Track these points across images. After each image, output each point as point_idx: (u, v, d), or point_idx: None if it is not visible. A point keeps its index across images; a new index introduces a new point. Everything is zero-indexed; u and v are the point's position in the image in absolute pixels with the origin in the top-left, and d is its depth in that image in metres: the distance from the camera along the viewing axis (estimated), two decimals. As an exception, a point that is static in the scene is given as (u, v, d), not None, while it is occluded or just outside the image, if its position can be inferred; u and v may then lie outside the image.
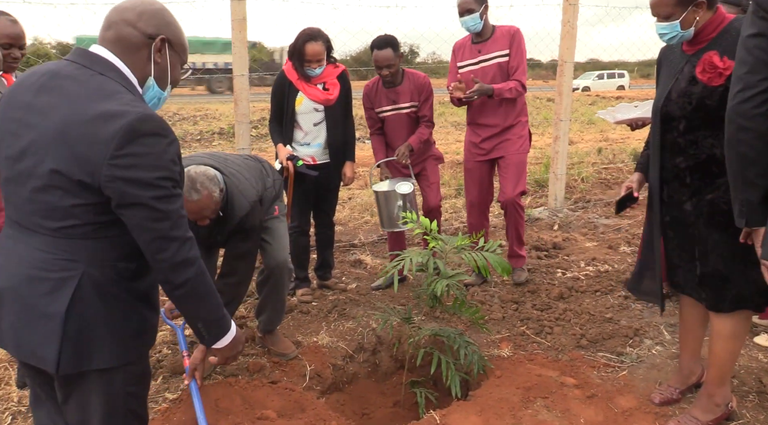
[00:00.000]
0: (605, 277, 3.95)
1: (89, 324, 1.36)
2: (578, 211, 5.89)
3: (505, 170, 3.68)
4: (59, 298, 1.33)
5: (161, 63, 1.46)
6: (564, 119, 5.49)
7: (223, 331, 1.57)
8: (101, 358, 1.39)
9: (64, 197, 1.31)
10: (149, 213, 1.32)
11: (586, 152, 9.34)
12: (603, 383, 2.66)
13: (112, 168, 1.27)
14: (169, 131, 1.36)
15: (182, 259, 1.38)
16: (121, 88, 1.36)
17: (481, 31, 3.57)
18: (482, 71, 3.57)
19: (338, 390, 2.97)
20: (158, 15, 1.44)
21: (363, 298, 3.69)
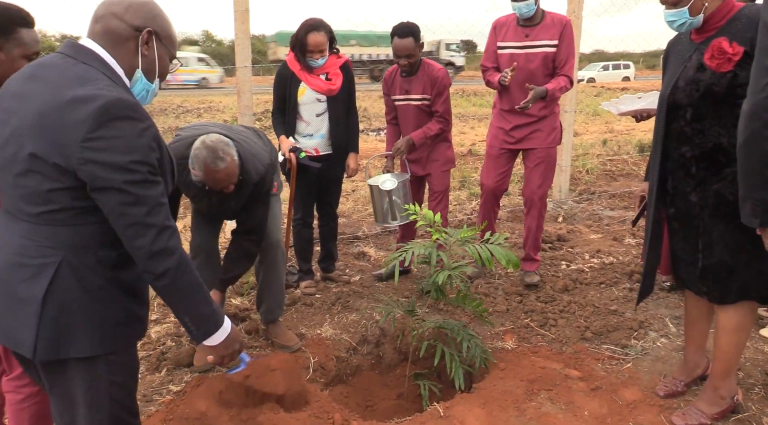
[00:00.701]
0: (610, 269, 3.94)
1: (67, 311, 1.36)
2: (583, 203, 5.86)
3: (533, 163, 3.54)
4: (38, 284, 1.34)
5: (149, 55, 1.47)
6: (569, 110, 5.46)
7: (213, 327, 1.52)
8: (80, 346, 1.38)
9: (43, 181, 1.32)
10: (123, 198, 1.31)
11: (591, 144, 9.30)
12: (607, 375, 2.65)
13: (84, 151, 1.28)
14: (144, 116, 1.36)
15: (160, 248, 1.36)
16: (101, 75, 1.37)
17: (532, 15, 3.40)
18: (525, 58, 3.39)
19: (342, 382, 2.97)
20: (145, 8, 1.45)
21: (367, 290, 3.69)
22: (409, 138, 3.52)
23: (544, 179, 3.56)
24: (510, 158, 3.64)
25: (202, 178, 2.35)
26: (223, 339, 1.55)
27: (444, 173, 3.71)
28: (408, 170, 3.64)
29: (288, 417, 2.33)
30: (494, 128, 3.67)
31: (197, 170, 2.33)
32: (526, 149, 3.55)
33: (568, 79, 3.40)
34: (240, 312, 3.32)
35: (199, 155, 2.30)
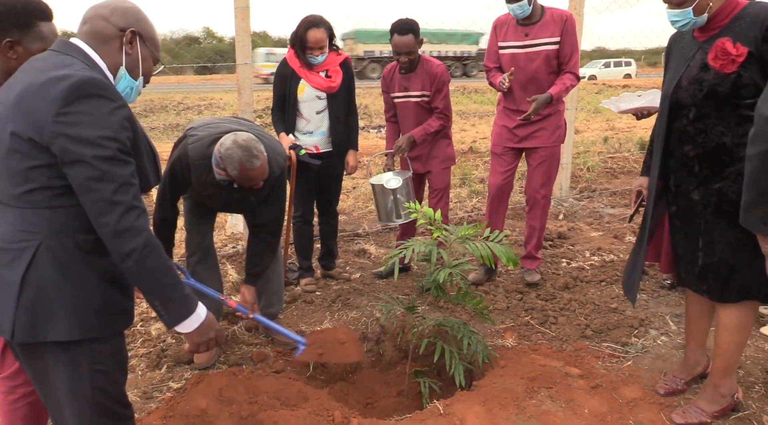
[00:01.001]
0: (610, 267, 3.93)
1: (46, 294, 1.39)
2: (583, 200, 5.86)
3: (537, 162, 3.51)
4: (17, 267, 1.38)
5: (132, 54, 1.56)
6: (570, 107, 5.44)
7: (185, 312, 1.52)
8: (58, 330, 1.41)
9: (22, 159, 1.37)
10: (91, 172, 1.34)
11: (592, 141, 9.29)
12: (608, 373, 2.65)
13: (56, 125, 1.33)
14: (116, 96, 1.42)
15: (126, 227, 1.37)
16: (80, 63, 1.44)
17: (530, 13, 3.32)
18: (527, 57, 3.34)
19: (342, 379, 2.97)
20: (130, 11, 1.55)
21: (367, 288, 3.69)
22: (410, 135, 3.51)
23: (547, 177, 3.53)
24: (515, 156, 3.60)
25: (236, 177, 2.35)
26: (197, 326, 1.55)
27: (444, 170, 3.70)
28: (410, 167, 3.63)
29: (288, 414, 2.33)
30: (498, 126, 3.63)
31: (231, 169, 2.33)
32: (530, 148, 3.52)
33: (574, 75, 3.36)
34: (240, 309, 3.32)
35: (233, 155, 2.30)
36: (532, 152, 3.53)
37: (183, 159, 2.51)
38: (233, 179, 2.39)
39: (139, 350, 2.94)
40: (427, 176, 3.75)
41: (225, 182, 2.48)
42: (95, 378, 1.49)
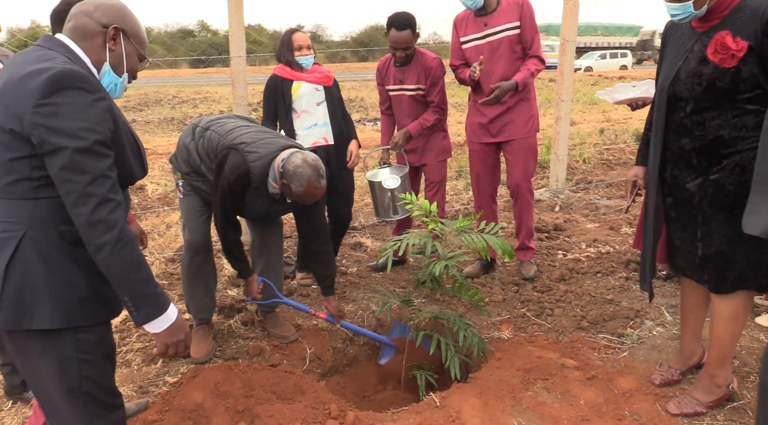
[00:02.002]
0: (606, 258, 3.94)
1: (29, 283, 1.42)
2: (580, 192, 5.86)
3: (513, 155, 3.47)
4: (1, 256, 1.41)
5: (116, 50, 1.57)
6: (565, 99, 5.44)
7: (155, 311, 1.52)
8: (41, 318, 1.43)
9: (5, 151, 1.39)
10: (66, 163, 1.36)
11: (588, 133, 9.28)
12: (603, 364, 2.65)
13: (35, 115, 1.35)
14: (95, 88, 1.43)
15: (99, 219, 1.39)
16: (62, 57, 1.45)
17: (485, 4, 3.28)
18: (490, 46, 3.30)
19: (338, 372, 2.97)
20: (114, 8, 1.57)
21: (363, 281, 3.68)
22: (406, 130, 3.50)
23: (526, 168, 3.49)
24: (494, 150, 3.57)
25: (299, 193, 2.41)
26: (167, 326, 1.55)
27: (440, 162, 3.69)
28: (406, 161, 3.62)
29: (284, 407, 2.33)
30: (471, 123, 3.59)
31: (297, 186, 2.38)
32: (505, 141, 3.48)
33: (539, 59, 3.30)
34: (236, 303, 3.31)
35: (303, 173, 2.37)
36: (508, 145, 3.49)
37: (244, 177, 2.47)
38: (292, 194, 2.44)
39: (134, 344, 2.94)
40: (423, 168, 3.73)
41: (278, 195, 2.55)
42: (82, 368, 1.52)
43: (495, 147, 3.56)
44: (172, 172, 2.86)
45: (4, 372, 2.49)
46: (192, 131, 2.72)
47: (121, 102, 14.18)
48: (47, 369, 1.50)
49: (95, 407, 1.57)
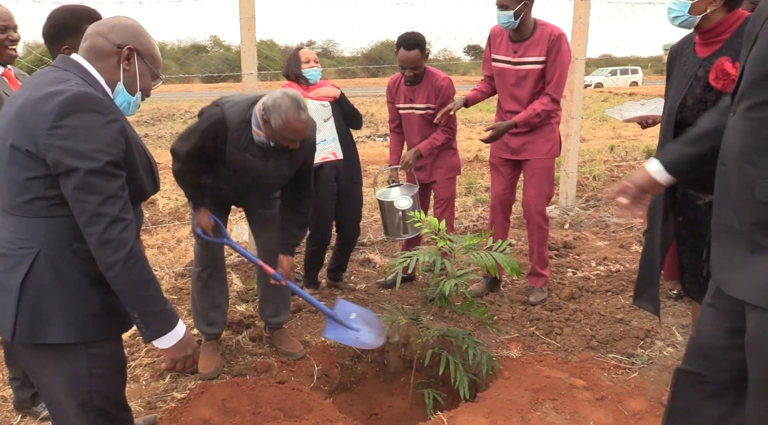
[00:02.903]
0: (616, 277, 3.91)
1: (44, 299, 1.46)
2: (589, 209, 5.84)
3: (530, 176, 3.45)
4: (17, 273, 1.45)
5: (130, 70, 1.60)
6: (575, 116, 5.44)
7: (164, 328, 1.54)
8: (56, 333, 1.47)
9: (20, 171, 1.43)
10: (79, 183, 1.40)
11: (598, 150, 9.26)
12: (613, 385, 2.63)
13: (50, 137, 1.38)
14: (109, 110, 1.46)
15: (110, 238, 1.42)
16: (78, 78, 1.49)
17: (520, 29, 3.23)
18: (515, 74, 3.30)
19: (346, 390, 2.96)
20: (129, 29, 1.59)
21: (372, 298, 3.68)
22: (416, 150, 3.51)
23: (540, 190, 3.45)
24: (513, 167, 3.55)
25: (279, 128, 2.35)
26: (175, 342, 1.57)
27: (449, 180, 3.70)
28: (416, 180, 3.62)
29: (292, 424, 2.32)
30: None
31: (277, 118, 2.34)
32: (523, 160, 3.47)
33: (551, 99, 3.24)
34: (245, 319, 3.32)
35: (282, 104, 2.33)
36: (525, 165, 3.48)
37: (219, 124, 2.47)
38: (275, 133, 2.39)
39: (143, 359, 2.94)
40: (432, 185, 3.74)
41: (264, 144, 2.51)
42: (93, 382, 1.54)
43: (513, 164, 3.54)
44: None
45: (14, 386, 2.51)
46: None
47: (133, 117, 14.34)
48: (60, 383, 1.53)
49: (105, 421, 1.59)
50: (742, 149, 1.39)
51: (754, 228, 1.38)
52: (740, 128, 1.41)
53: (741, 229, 1.42)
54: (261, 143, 2.52)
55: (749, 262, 1.40)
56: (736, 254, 1.44)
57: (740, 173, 1.40)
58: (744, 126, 1.39)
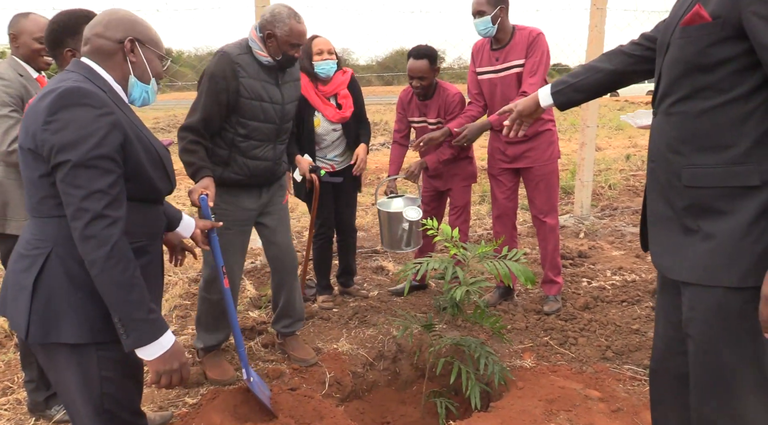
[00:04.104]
0: (632, 287, 3.86)
1: (55, 299, 1.47)
2: (605, 218, 5.78)
3: (533, 183, 3.43)
4: (31, 272, 1.48)
5: (137, 61, 1.61)
6: (591, 125, 5.41)
7: (147, 338, 1.46)
8: (67, 333, 1.47)
9: (31, 171, 1.46)
10: (65, 176, 1.40)
11: (613, 159, 9.18)
12: (629, 397, 2.58)
13: (44, 132, 1.40)
14: (101, 103, 1.45)
15: (90, 234, 1.39)
16: (79, 76, 1.50)
17: (498, 36, 3.25)
18: (502, 82, 3.29)
19: (358, 398, 2.95)
20: (123, 20, 1.59)
21: (384, 305, 3.66)
22: (423, 162, 3.49)
23: (547, 197, 3.43)
24: (512, 175, 3.52)
25: (285, 34, 2.51)
26: (159, 354, 1.49)
27: (465, 187, 3.69)
28: (419, 192, 3.59)
29: (302, 432, 2.31)
30: (490, 147, 3.59)
31: (282, 26, 2.51)
32: (524, 168, 3.44)
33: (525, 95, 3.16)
34: (257, 325, 3.32)
35: (281, 13, 2.52)
36: (527, 173, 3.44)
37: (222, 59, 2.51)
38: (282, 42, 2.53)
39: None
40: (448, 192, 3.74)
41: (270, 63, 2.59)
42: (104, 384, 1.54)
43: (513, 173, 3.52)
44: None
45: (29, 388, 2.53)
46: None
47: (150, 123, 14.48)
48: (72, 382, 1.54)
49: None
50: (667, 142, 1.54)
51: (684, 213, 1.53)
52: (665, 125, 1.56)
53: (673, 215, 1.56)
54: (268, 63, 2.59)
55: (683, 245, 1.54)
56: (671, 239, 1.58)
57: (668, 164, 1.55)
58: (669, 121, 1.54)
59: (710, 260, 1.46)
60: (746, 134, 1.40)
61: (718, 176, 1.45)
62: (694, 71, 1.45)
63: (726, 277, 1.44)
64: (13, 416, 2.58)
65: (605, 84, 1.88)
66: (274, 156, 2.76)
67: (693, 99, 1.47)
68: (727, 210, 1.44)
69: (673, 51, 1.50)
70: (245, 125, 2.61)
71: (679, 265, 1.55)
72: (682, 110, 1.50)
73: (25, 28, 2.36)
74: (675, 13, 1.56)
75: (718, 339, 1.48)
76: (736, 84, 1.39)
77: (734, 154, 1.42)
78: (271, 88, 2.63)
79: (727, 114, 1.42)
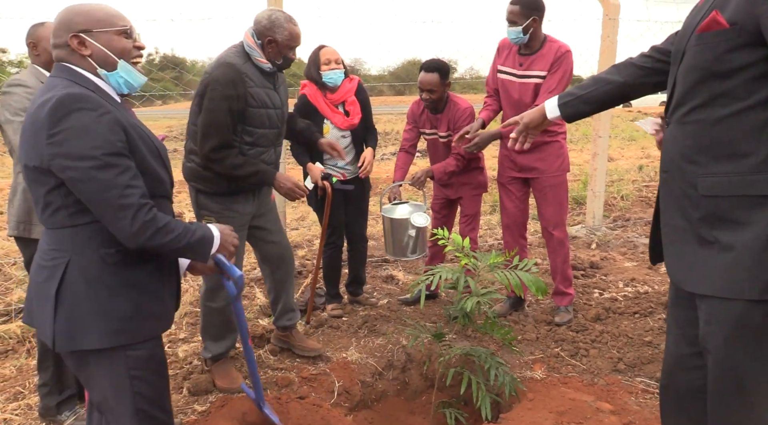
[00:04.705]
0: (645, 298, 3.82)
1: (78, 307, 1.50)
2: (617, 229, 5.74)
3: (542, 194, 3.42)
4: (52, 282, 1.50)
5: (93, 52, 1.54)
6: (603, 135, 5.38)
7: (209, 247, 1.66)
8: (91, 339, 1.51)
9: (38, 186, 1.47)
10: (92, 184, 1.41)
11: (626, 169, 9.12)
12: (641, 410, 2.55)
13: (49, 147, 1.41)
14: (97, 104, 1.45)
15: (139, 227, 1.46)
16: (65, 81, 1.50)
17: (529, 43, 3.24)
18: (521, 87, 3.29)
19: (366, 407, 2.93)
20: (63, 20, 1.53)
21: (394, 314, 3.65)
22: (429, 170, 3.49)
23: (556, 206, 3.41)
24: (522, 185, 3.51)
25: (284, 38, 2.58)
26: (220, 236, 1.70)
27: (475, 196, 3.69)
28: (425, 199, 3.58)
29: (310, 442, 2.30)
30: (501, 156, 3.59)
31: (281, 31, 2.58)
32: (533, 178, 3.43)
33: None
34: (266, 333, 3.32)
35: (279, 18, 2.59)
36: (536, 183, 3.43)
37: (232, 72, 2.52)
38: (283, 46, 2.60)
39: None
40: (459, 201, 3.74)
41: (269, 69, 2.64)
42: (135, 384, 1.58)
43: (522, 182, 3.52)
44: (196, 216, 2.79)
45: (42, 392, 2.54)
46: None
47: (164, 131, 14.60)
48: (104, 386, 1.58)
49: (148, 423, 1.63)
50: (681, 152, 1.53)
51: (700, 223, 1.50)
52: (678, 134, 1.54)
53: (688, 226, 1.54)
54: (269, 69, 2.64)
55: (700, 256, 1.51)
56: (687, 251, 1.55)
57: (682, 174, 1.53)
58: (683, 130, 1.53)
59: (729, 273, 1.43)
60: (764, 142, 1.39)
61: (735, 185, 1.43)
62: (710, 78, 1.43)
63: (747, 290, 1.41)
64: (24, 421, 2.59)
65: (614, 96, 1.86)
66: (275, 159, 2.84)
67: (709, 107, 1.45)
68: (745, 220, 1.42)
69: (689, 58, 1.49)
70: (251, 132, 2.64)
71: (695, 277, 1.53)
72: (698, 118, 1.49)
73: (43, 35, 2.40)
74: (690, 21, 1.55)
75: (737, 352, 1.45)
76: (754, 91, 1.38)
77: (752, 163, 1.40)
78: (272, 94, 2.69)
79: (745, 122, 1.40)
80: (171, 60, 17.72)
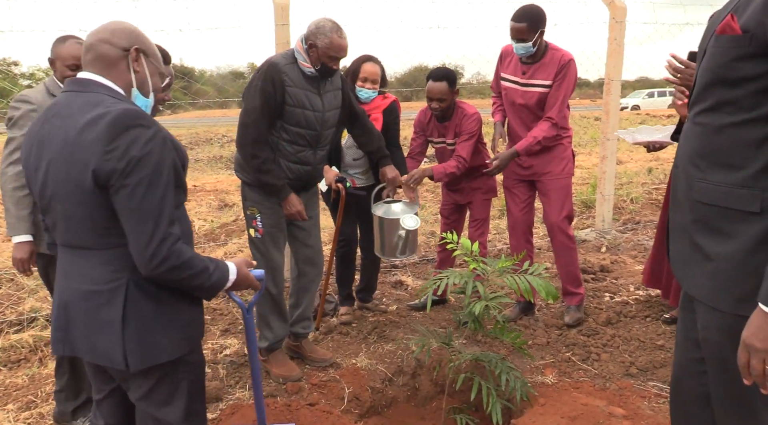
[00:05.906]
0: (656, 302, 3.79)
1: (145, 324, 1.51)
2: (627, 232, 5.70)
3: (547, 195, 3.45)
4: (115, 306, 1.48)
5: (140, 72, 1.60)
6: (611, 138, 5.36)
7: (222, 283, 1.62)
8: (165, 352, 1.55)
9: (88, 207, 1.44)
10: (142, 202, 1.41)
11: (635, 172, 9.07)
12: (654, 414, 2.52)
13: (106, 163, 1.39)
14: (151, 121, 1.47)
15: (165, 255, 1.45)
16: (105, 97, 1.49)
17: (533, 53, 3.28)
18: (523, 95, 3.33)
19: (377, 413, 2.92)
20: (128, 30, 1.58)
21: (403, 320, 3.64)
22: (428, 170, 3.48)
23: (561, 206, 3.41)
24: (527, 188, 3.53)
25: (326, 46, 2.63)
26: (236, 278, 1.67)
27: (485, 201, 3.69)
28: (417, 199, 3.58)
29: (321, 448, 2.29)
30: None
31: (323, 38, 2.62)
32: (538, 180, 3.46)
33: (551, 124, 3.23)
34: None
35: (325, 26, 2.64)
36: (541, 185, 3.46)
37: (271, 68, 2.64)
38: (322, 53, 2.64)
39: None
40: (469, 206, 3.74)
41: (313, 73, 2.70)
42: (190, 387, 1.64)
43: (528, 185, 3.54)
44: (243, 207, 2.91)
45: (59, 398, 2.56)
46: None
47: (173, 141, 14.66)
48: (162, 395, 1.60)
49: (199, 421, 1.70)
50: (689, 151, 1.53)
51: (693, 227, 1.50)
52: (690, 133, 1.54)
53: (686, 227, 1.54)
54: (311, 73, 2.70)
55: (692, 258, 1.52)
56: (684, 250, 1.56)
57: (686, 174, 1.54)
58: (693, 131, 1.52)
59: (711, 282, 1.44)
60: (758, 158, 1.36)
61: (723, 196, 1.42)
62: (719, 84, 1.42)
63: (722, 302, 1.42)
64: (36, 429, 2.60)
65: None
66: (315, 161, 2.89)
67: (716, 112, 1.44)
68: (728, 232, 1.41)
69: (706, 59, 1.48)
70: (288, 130, 2.74)
71: (689, 278, 1.53)
72: (705, 121, 1.48)
73: (60, 55, 2.39)
74: (715, 19, 1.52)
75: (730, 359, 1.43)
76: (758, 104, 1.35)
77: (742, 176, 1.39)
78: (313, 97, 2.74)
79: (745, 134, 1.38)
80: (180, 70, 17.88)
